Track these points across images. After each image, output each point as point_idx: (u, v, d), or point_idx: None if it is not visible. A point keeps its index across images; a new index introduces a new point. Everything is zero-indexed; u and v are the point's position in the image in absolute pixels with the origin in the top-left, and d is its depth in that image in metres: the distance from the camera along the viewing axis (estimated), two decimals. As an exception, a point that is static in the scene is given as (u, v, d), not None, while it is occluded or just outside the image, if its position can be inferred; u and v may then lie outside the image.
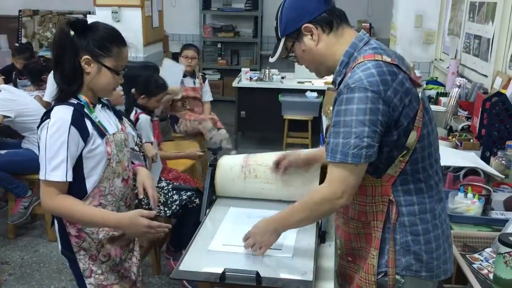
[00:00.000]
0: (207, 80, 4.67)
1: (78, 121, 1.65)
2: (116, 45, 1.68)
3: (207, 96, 4.64)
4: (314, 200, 1.45)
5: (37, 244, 3.50)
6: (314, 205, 1.45)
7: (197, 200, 2.88)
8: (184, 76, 4.40)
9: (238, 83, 5.51)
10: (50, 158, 1.61)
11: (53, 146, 1.61)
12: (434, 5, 4.92)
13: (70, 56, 1.64)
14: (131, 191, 1.91)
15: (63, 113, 1.64)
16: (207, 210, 1.95)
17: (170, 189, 2.92)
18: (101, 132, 1.71)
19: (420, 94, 1.41)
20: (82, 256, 1.76)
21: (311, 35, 1.48)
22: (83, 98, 1.70)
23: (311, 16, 1.46)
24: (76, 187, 1.68)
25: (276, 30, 1.55)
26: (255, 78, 5.58)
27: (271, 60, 1.61)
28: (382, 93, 1.33)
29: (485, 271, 1.71)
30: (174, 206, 2.84)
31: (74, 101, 1.69)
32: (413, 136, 1.38)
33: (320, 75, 1.59)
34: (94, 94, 1.75)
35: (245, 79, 5.51)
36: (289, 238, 1.70)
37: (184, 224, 2.93)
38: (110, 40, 1.67)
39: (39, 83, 4.13)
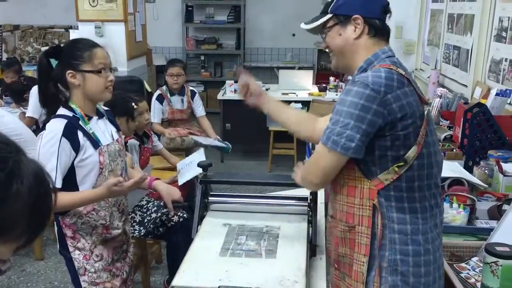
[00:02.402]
0: (196, 95, 4.41)
1: (70, 132, 1.79)
2: (85, 50, 1.83)
3: (200, 111, 4.41)
4: (305, 167, 1.58)
5: (24, 263, 3.46)
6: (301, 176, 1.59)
7: (175, 218, 2.78)
8: (172, 94, 4.26)
9: (222, 95, 5.54)
10: None
11: (45, 155, 1.74)
12: (413, 17, 5.04)
13: (49, 81, 1.84)
14: (125, 198, 2.06)
15: (56, 125, 1.79)
16: (198, 226, 1.97)
17: (149, 208, 2.83)
18: (95, 143, 1.84)
19: (426, 113, 1.44)
20: (77, 255, 1.92)
21: (355, 28, 1.50)
22: (78, 111, 1.84)
23: (368, 13, 1.50)
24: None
25: (328, 4, 1.55)
26: (240, 90, 5.60)
27: (306, 27, 1.60)
28: (382, 94, 1.37)
29: (472, 280, 1.75)
30: (149, 225, 2.74)
31: (69, 113, 1.83)
32: (413, 151, 1.41)
33: (336, 66, 1.62)
34: (91, 104, 1.89)
35: (230, 91, 5.54)
36: (283, 252, 1.72)
37: (174, 247, 2.83)
38: (77, 48, 1.84)
39: (21, 102, 4.11)
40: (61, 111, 1.85)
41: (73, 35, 5.90)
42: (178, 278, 1.57)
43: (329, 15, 1.54)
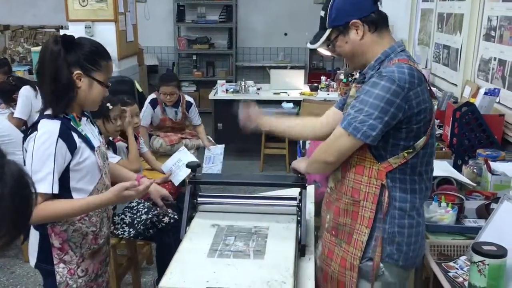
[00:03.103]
0: (192, 106, 4.26)
1: (65, 133, 1.67)
2: (104, 59, 1.75)
3: (196, 121, 4.33)
4: (318, 149, 1.72)
5: (13, 265, 3.43)
6: (314, 157, 1.75)
7: (165, 219, 2.76)
8: (166, 105, 4.11)
9: (214, 95, 5.53)
10: (36, 170, 1.61)
11: (41, 158, 1.62)
12: (404, 16, 5.05)
13: (63, 72, 1.66)
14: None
15: (50, 126, 1.66)
16: (187, 227, 1.96)
17: (139, 209, 2.79)
18: (89, 144, 1.76)
19: (434, 108, 1.60)
20: (61, 269, 1.78)
21: (357, 31, 1.61)
22: (69, 112, 1.74)
23: (362, 14, 1.59)
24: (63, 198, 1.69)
25: (323, 20, 1.65)
26: (231, 90, 5.60)
27: (312, 46, 1.70)
28: (405, 90, 1.50)
29: (460, 279, 1.75)
30: (139, 226, 2.71)
31: (60, 114, 1.71)
32: (422, 140, 1.57)
33: (352, 66, 1.73)
34: (80, 107, 1.79)
35: (221, 91, 5.53)
36: (271, 252, 1.73)
37: (164, 248, 2.80)
38: (98, 54, 1.74)
39: (10, 102, 4.07)
40: (50, 111, 1.71)
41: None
42: (165, 279, 1.57)
43: (329, 30, 1.64)
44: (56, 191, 1.64)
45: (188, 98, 4.26)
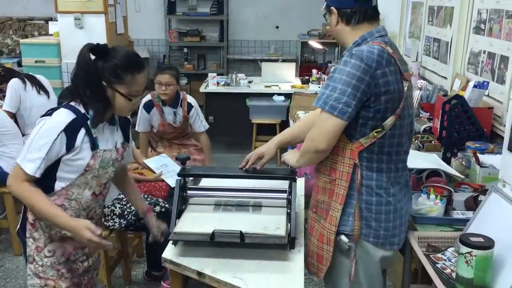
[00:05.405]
0: (193, 109, 3.59)
1: (72, 130, 1.74)
2: (130, 73, 1.77)
3: (198, 126, 3.65)
4: (307, 140, 1.76)
5: (2, 258, 3.41)
6: (305, 148, 1.79)
7: (157, 208, 2.75)
8: (163, 104, 3.57)
9: (205, 88, 5.51)
10: (31, 150, 1.73)
11: (39, 141, 1.72)
12: (395, 9, 5.05)
13: (95, 79, 1.76)
14: (100, 207, 1.99)
15: (62, 117, 1.75)
16: (177, 220, 1.95)
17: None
18: (94, 145, 1.80)
19: (406, 89, 1.68)
20: (31, 243, 1.87)
21: (332, 17, 1.77)
22: (92, 113, 1.79)
23: (340, 4, 1.74)
24: (45, 182, 1.78)
25: None
26: (222, 83, 5.59)
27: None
28: (372, 69, 1.60)
29: (448, 271, 1.76)
30: (130, 216, 2.71)
31: (81, 110, 1.78)
32: (391, 119, 1.65)
33: (337, 42, 1.88)
34: (111, 112, 1.85)
35: (212, 84, 5.51)
36: (266, 213, 1.97)
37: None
38: (123, 68, 1.77)
39: None
40: (73, 102, 1.79)
41: (53, 27, 5.81)
42: (178, 227, 1.84)
43: (325, 4, 1.81)
44: (38, 175, 1.74)
45: (190, 99, 3.64)
